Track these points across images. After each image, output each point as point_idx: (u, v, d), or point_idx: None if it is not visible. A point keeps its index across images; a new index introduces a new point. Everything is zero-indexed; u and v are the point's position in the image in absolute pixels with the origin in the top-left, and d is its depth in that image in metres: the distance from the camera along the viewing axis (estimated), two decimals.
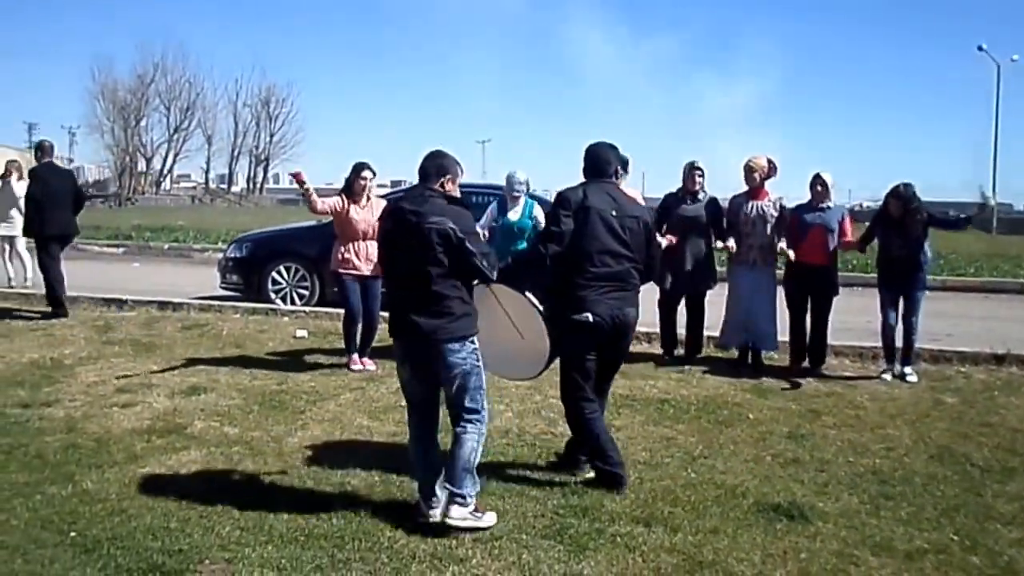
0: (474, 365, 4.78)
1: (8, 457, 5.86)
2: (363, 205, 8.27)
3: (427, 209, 4.66)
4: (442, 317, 4.68)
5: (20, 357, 8.90)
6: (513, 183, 8.76)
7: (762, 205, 8.70)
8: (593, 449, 5.51)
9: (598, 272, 5.28)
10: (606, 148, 5.62)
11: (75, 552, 4.45)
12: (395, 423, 6.68)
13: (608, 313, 5.29)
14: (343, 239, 8.32)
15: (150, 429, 6.52)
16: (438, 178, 4.82)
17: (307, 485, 5.42)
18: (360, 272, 8.31)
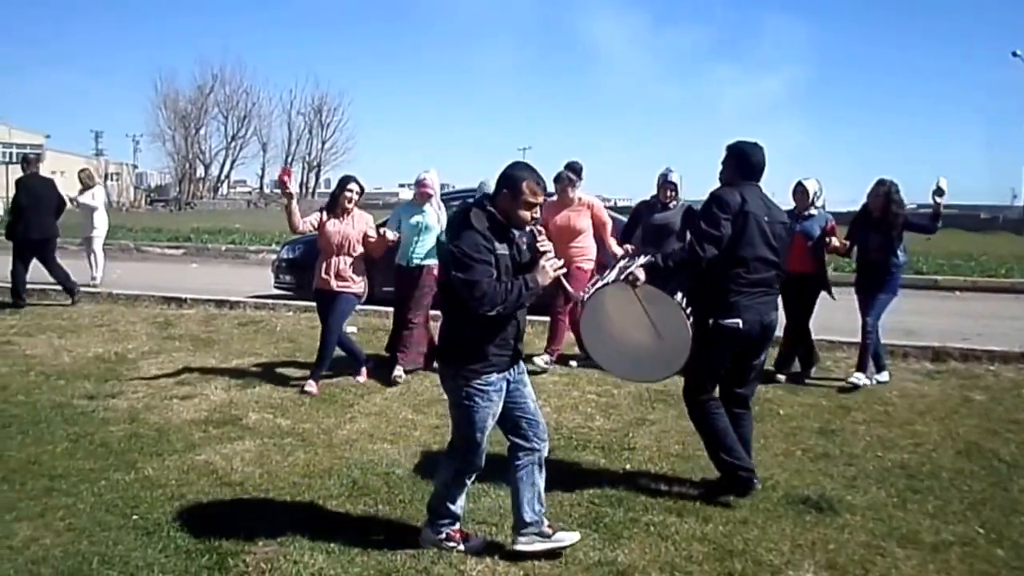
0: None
1: (75, 445, 6.16)
2: (343, 219, 7.74)
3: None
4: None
5: (86, 351, 9.25)
6: (486, 190, 8.31)
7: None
8: (719, 449, 5.32)
9: (751, 278, 5.15)
10: (759, 149, 5.36)
11: (137, 534, 4.70)
12: (438, 416, 6.90)
13: (756, 319, 5.19)
14: (322, 254, 7.84)
15: (207, 420, 6.80)
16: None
17: (354, 474, 5.63)
18: (328, 288, 7.72)
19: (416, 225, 8.31)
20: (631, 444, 6.40)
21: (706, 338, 5.13)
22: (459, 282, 4.14)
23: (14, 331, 10.31)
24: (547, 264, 4.29)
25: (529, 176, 4.28)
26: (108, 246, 24.34)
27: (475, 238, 4.17)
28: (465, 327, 4.29)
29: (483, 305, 4.11)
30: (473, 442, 4.44)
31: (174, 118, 77.33)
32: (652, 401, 7.45)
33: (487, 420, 4.39)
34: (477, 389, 4.30)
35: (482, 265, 4.13)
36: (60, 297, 12.74)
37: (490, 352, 4.30)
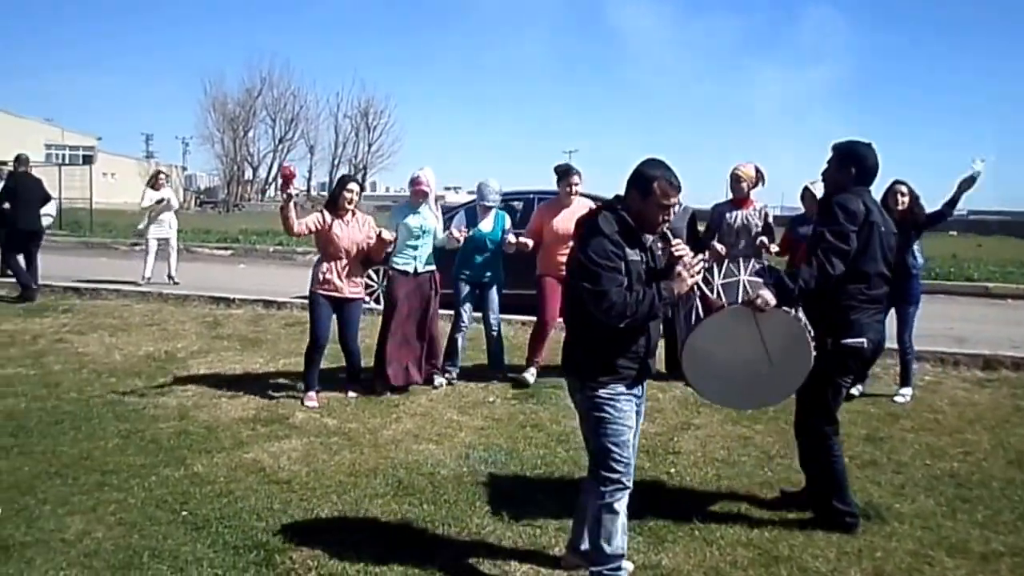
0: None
1: (126, 441, 6.27)
2: (347, 221, 7.44)
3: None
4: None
5: (137, 350, 9.40)
6: (487, 193, 8.32)
7: (747, 214, 8.16)
8: (834, 493, 4.99)
9: (871, 295, 4.84)
10: (873, 150, 4.96)
11: (186, 529, 4.78)
12: (483, 418, 6.97)
13: (876, 339, 4.90)
14: (325, 257, 7.45)
15: (255, 418, 6.89)
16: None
17: (399, 474, 5.69)
18: (341, 294, 7.45)
19: (418, 228, 7.91)
20: (676, 448, 6.39)
21: (826, 360, 4.72)
22: (586, 292, 3.83)
23: (67, 329, 10.49)
24: (683, 271, 3.95)
25: (662, 175, 3.92)
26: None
27: (603, 244, 3.84)
28: (592, 338, 3.98)
29: (611, 316, 3.81)
30: (611, 457, 4.02)
31: (223, 121, 78.14)
32: (697, 406, 7.42)
33: (622, 431, 4.02)
34: (608, 398, 3.98)
35: (610, 273, 3.80)
36: (111, 296, 12.96)
37: (619, 365, 3.99)
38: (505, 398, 7.65)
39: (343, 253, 7.40)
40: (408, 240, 7.89)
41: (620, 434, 4.01)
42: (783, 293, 4.54)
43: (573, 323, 4.13)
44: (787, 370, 4.62)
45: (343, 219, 7.41)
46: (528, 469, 5.84)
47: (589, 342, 4.01)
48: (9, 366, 8.53)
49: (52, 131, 73.04)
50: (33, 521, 4.83)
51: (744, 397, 4.96)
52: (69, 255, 22.51)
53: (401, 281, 7.89)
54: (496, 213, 8.41)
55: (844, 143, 4.99)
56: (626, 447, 4.04)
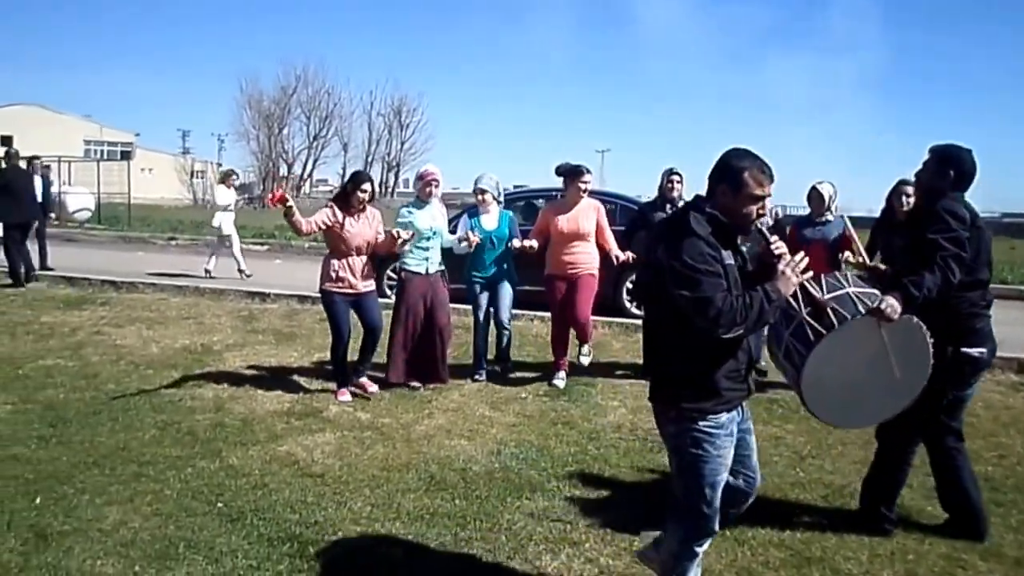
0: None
1: (163, 433, 6.35)
2: (358, 218, 7.35)
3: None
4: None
5: (173, 343, 9.51)
6: (481, 181, 8.25)
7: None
8: (888, 492, 4.95)
9: (990, 300, 4.72)
10: (971, 154, 4.77)
11: (222, 521, 4.83)
12: (515, 414, 7.00)
13: (992, 347, 4.75)
14: (336, 254, 7.36)
15: (289, 412, 6.95)
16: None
17: (432, 469, 5.72)
18: (355, 290, 7.37)
19: (428, 229, 7.80)
20: None
21: (942, 370, 4.40)
22: (686, 301, 3.36)
23: (104, 322, 10.62)
24: (787, 269, 3.51)
25: (751, 164, 3.49)
26: (195, 242, 25.06)
27: (699, 246, 3.39)
28: (690, 356, 3.53)
29: (719, 326, 3.34)
30: (703, 500, 3.60)
31: (258, 118, 78.66)
32: None
33: (719, 471, 3.59)
34: (705, 433, 3.52)
35: (711, 278, 3.35)
36: (148, 290, 13.11)
37: (722, 386, 3.53)
38: (537, 395, 7.66)
39: (355, 249, 7.36)
40: (419, 241, 7.81)
41: (716, 474, 3.57)
42: (907, 301, 4.25)
43: (663, 342, 3.64)
44: (907, 382, 4.25)
45: (354, 216, 7.35)
46: (559, 466, 5.84)
47: (685, 362, 3.54)
48: (49, 357, 8.66)
49: (91, 127, 73.86)
50: (71, 510, 4.90)
51: (862, 413, 4.45)
52: (107, 249, 22.84)
53: (414, 282, 7.83)
54: (501, 211, 8.31)
55: (943, 146, 4.80)
56: (718, 489, 3.62)
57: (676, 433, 3.59)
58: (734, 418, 3.63)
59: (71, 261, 16.55)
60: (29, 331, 9.98)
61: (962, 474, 4.91)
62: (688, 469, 3.58)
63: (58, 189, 32.21)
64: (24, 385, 7.58)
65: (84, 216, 32.00)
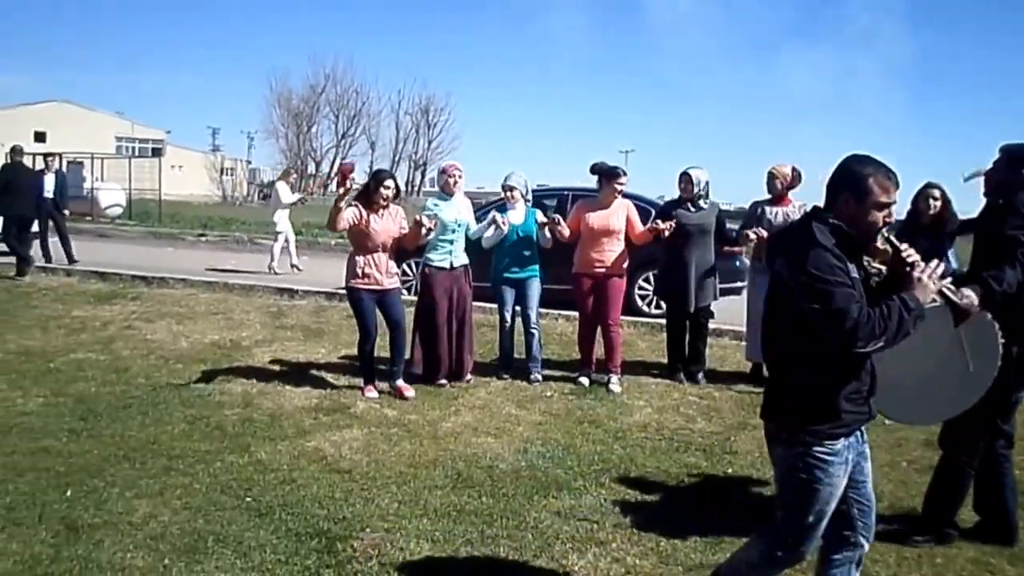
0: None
1: (192, 427, 6.40)
2: (382, 214, 7.38)
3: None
4: None
5: (203, 338, 9.58)
6: (509, 177, 8.30)
7: (787, 211, 8.16)
8: (999, 502, 4.87)
9: None
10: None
11: (250, 515, 4.87)
12: (540, 413, 7.02)
13: None
14: (360, 251, 7.39)
15: (317, 407, 6.99)
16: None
17: (458, 466, 5.73)
18: (381, 286, 7.40)
19: (453, 222, 7.91)
20: (733, 448, 6.36)
21: (1004, 370, 4.15)
22: (818, 315, 3.14)
23: (135, 316, 10.71)
24: (924, 276, 3.26)
25: (875, 170, 3.26)
26: (224, 238, 25.23)
27: (826, 257, 3.17)
28: (811, 374, 3.29)
29: (857, 339, 3.11)
30: (804, 527, 3.40)
31: (287, 116, 79.04)
32: (754, 406, 7.33)
33: (829, 500, 3.35)
34: (819, 459, 3.28)
35: (843, 289, 3.13)
36: (178, 285, 13.21)
37: (842, 408, 3.28)
38: (563, 393, 7.67)
39: (380, 246, 7.40)
40: (443, 235, 7.87)
41: (825, 503, 3.34)
42: (987, 295, 4.13)
43: (785, 360, 3.41)
44: (977, 378, 4.05)
45: (377, 213, 7.38)
46: (585, 465, 5.85)
47: (805, 381, 3.32)
48: (80, 351, 8.75)
49: (123, 124, 74.44)
50: (102, 503, 4.95)
51: (928, 409, 4.28)
52: (138, 245, 23.03)
53: (439, 277, 7.90)
54: (528, 208, 8.32)
55: (1015, 145, 4.74)
56: (824, 520, 3.39)
57: (787, 456, 3.38)
58: (852, 444, 3.37)
59: (102, 256, 16.70)
60: (60, 325, 10.08)
61: (1005, 480, 4.87)
62: (796, 495, 3.37)
63: (91, 185, 32.66)
64: (56, 379, 7.66)
65: (116, 212, 32.36)
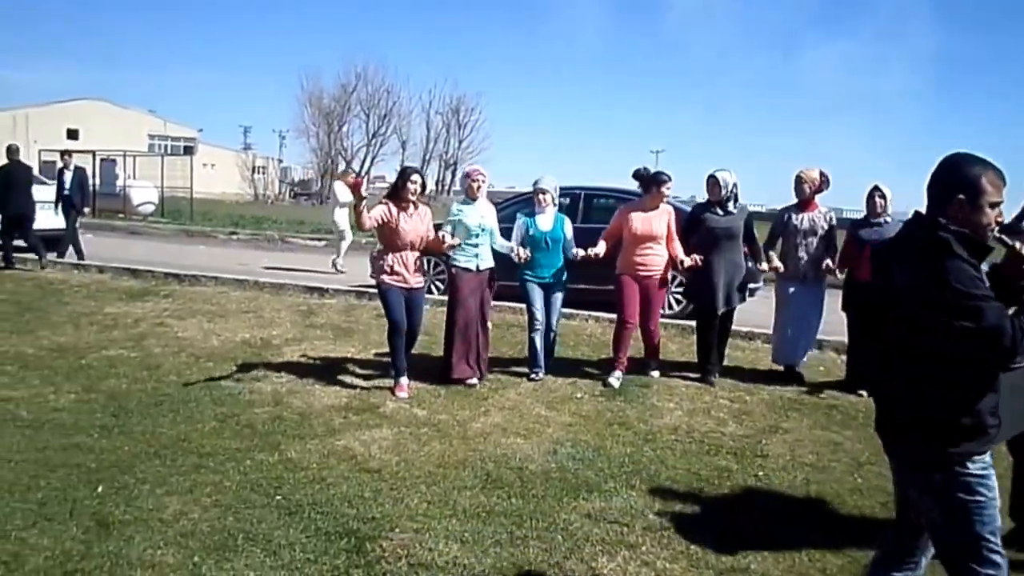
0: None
1: (223, 425, 6.42)
2: (411, 213, 7.46)
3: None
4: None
5: (234, 336, 9.62)
6: (541, 182, 8.33)
7: (813, 216, 8.27)
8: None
9: None
10: None
11: (280, 514, 4.87)
12: (570, 414, 6.99)
13: None
14: (390, 248, 7.47)
15: (347, 406, 6.99)
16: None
17: (488, 467, 5.71)
18: (407, 284, 7.49)
19: (477, 226, 7.97)
20: (764, 451, 6.30)
21: None
22: (971, 333, 2.93)
23: (167, 314, 10.77)
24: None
25: (984, 167, 3.10)
26: (255, 237, 25.36)
27: (966, 270, 2.98)
28: (957, 394, 3.09)
29: (1014, 356, 2.94)
30: (990, 548, 3.10)
31: (318, 115, 79.31)
32: (786, 409, 7.34)
33: (996, 515, 3.13)
34: (978, 476, 3.09)
35: (991, 303, 2.94)
36: (209, 283, 13.28)
37: (988, 423, 3.09)
38: (593, 395, 7.63)
39: (408, 244, 7.48)
40: (468, 239, 7.96)
41: (994, 519, 3.12)
42: None
43: (921, 379, 3.15)
44: None
45: (406, 211, 7.46)
46: (615, 467, 5.81)
47: (953, 402, 3.09)
48: (112, 348, 8.80)
49: (155, 122, 75.12)
50: (132, 500, 4.97)
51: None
52: (170, 242, 23.19)
53: (464, 279, 7.98)
54: (556, 214, 8.40)
55: None
56: (999, 535, 3.15)
57: (942, 481, 3.11)
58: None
59: (134, 253, 16.83)
60: (93, 322, 10.16)
61: None
62: (963, 520, 3.10)
63: (123, 183, 32.95)
64: (87, 375, 7.71)
65: (148, 210, 32.63)
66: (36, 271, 14.50)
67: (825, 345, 9.56)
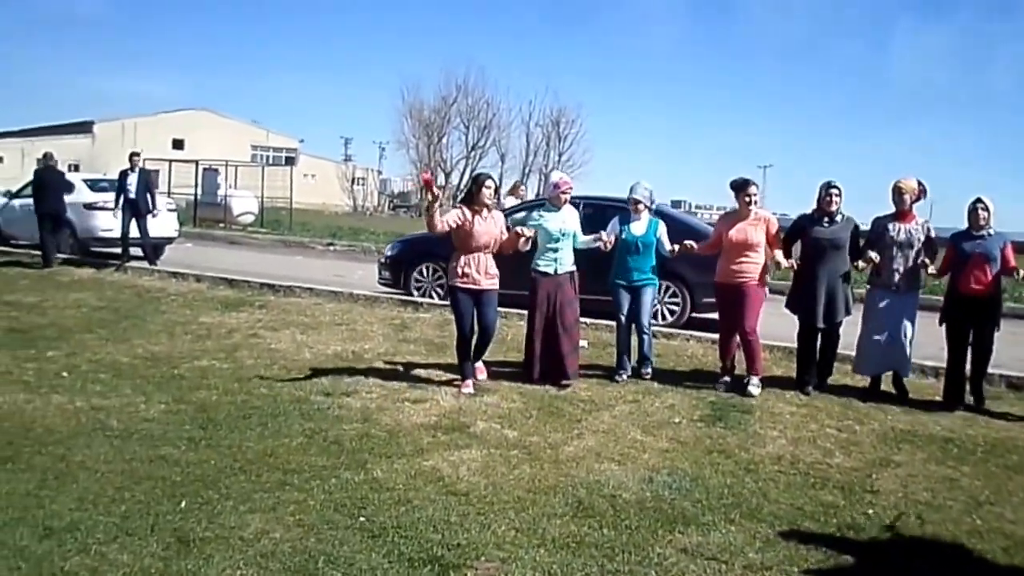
0: None
1: (310, 441, 6.30)
2: (484, 217, 7.77)
3: None
4: None
5: (326, 348, 9.55)
6: (635, 190, 8.67)
7: (909, 228, 8.18)
8: None
9: None
10: None
11: (363, 536, 4.70)
12: (668, 439, 6.68)
13: None
14: (463, 251, 7.79)
15: (436, 425, 6.82)
16: None
17: (580, 494, 5.46)
18: (478, 286, 7.79)
19: (558, 231, 8.25)
20: (874, 487, 5.91)
21: None
22: None
23: (261, 325, 10.79)
24: None
25: None
26: (352, 247, 25.55)
27: None
28: None
29: None
30: None
31: (418, 127, 79.90)
32: (898, 441, 6.92)
33: None
34: None
35: None
36: (304, 295, 13.29)
37: None
38: (691, 420, 7.31)
39: (480, 247, 7.77)
40: (548, 243, 8.26)
41: None
42: None
43: None
44: None
45: (480, 215, 7.75)
46: (714, 498, 5.51)
47: None
48: (204, 358, 8.82)
49: (258, 133, 76.87)
50: (214, 516, 4.87)
51: None
52: (268, 252, 23.52)
53: (543, 282, 8.27)
54: (650, 219, 8.69)
55: None
56: None
57: None
58: None
59: (232, 263, 17.06)
60: (187, 331, 10.22)
61: None
62: None
63: (224, 192, 33.63)
64: (179, 385, 7.71)
65: (248, 219, 33.23)
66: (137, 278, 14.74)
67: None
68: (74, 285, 13.96)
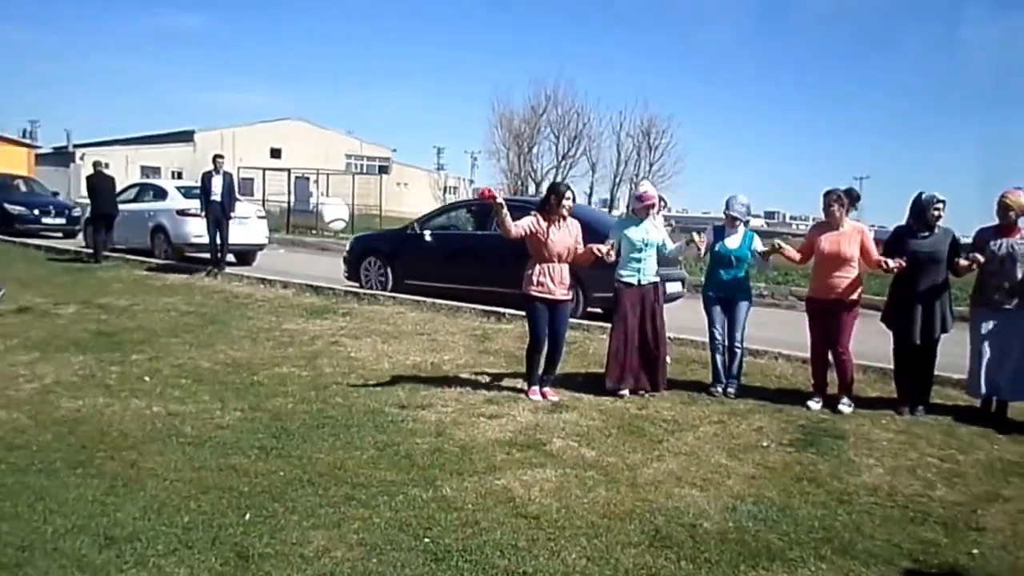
0: None
1: (380, 454, 6.13)
2: (560, 227, 7.78)
3: None
4: None
5: (405, 359, 9.41)
6: (733, 204, 8.51)
7: (1013, 243, 7.72)
8: None
9: None
10: None
11: (426, 559, 4.50)
12: (754, 464, 6.32)
13: None
14: (538, 259, 7.80)
15: (511, 442, 6.59)
16: None
17: (657, 521, 5.17)
18: (553, 296, 7.79)
19: (641, 241, 8.26)
20: (980, 524, 5.48)
21: None
22: None
23: (343, 333, 10.72)
24: None
25: None
26: None
27: None
28: None
29: None
30: None
31: (509, 136, 79.82)
32: (1006, 473, 6.45)
33: None
34: None
35: None
36: (388, 303, 13.21)
37: None
38: (780, 444, 6.93)
39: (555, 257, 7.78)
40: (631, 253, 8.27)
41: None
42: None
43: None
44: None
45: (555, 224, 7.77)
46: (803, 531, 5.15)
47: None
48: (285, 365, 8.76)
49: (352, 143, 77.89)
50: (277, 530, 4.74)
51: None
52: None
53: (626, 293, 8.27)
54: (745, 232, 8.57)
55: None
56: None
57: None
58: None
59: (320, 270, 17.12)
60: (270, 338, 10.20)
61: None
62: None
63: (316, 200, 34.12)
64: (256, 392, 7.65)
65: (339, 226, 33.64)
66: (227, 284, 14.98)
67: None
68: (165, 289, 14.17)
